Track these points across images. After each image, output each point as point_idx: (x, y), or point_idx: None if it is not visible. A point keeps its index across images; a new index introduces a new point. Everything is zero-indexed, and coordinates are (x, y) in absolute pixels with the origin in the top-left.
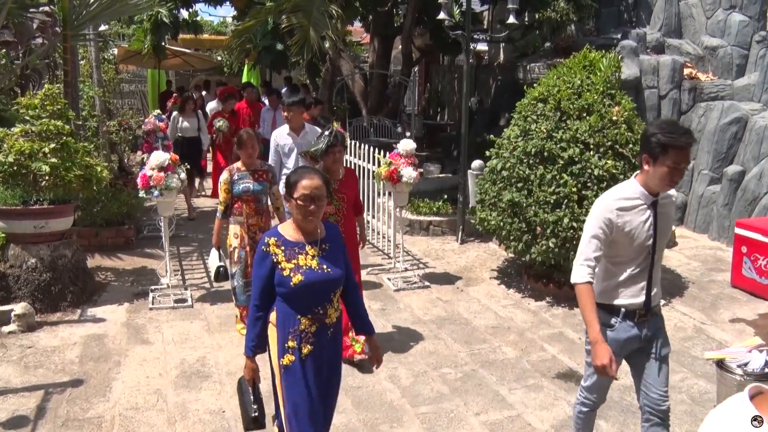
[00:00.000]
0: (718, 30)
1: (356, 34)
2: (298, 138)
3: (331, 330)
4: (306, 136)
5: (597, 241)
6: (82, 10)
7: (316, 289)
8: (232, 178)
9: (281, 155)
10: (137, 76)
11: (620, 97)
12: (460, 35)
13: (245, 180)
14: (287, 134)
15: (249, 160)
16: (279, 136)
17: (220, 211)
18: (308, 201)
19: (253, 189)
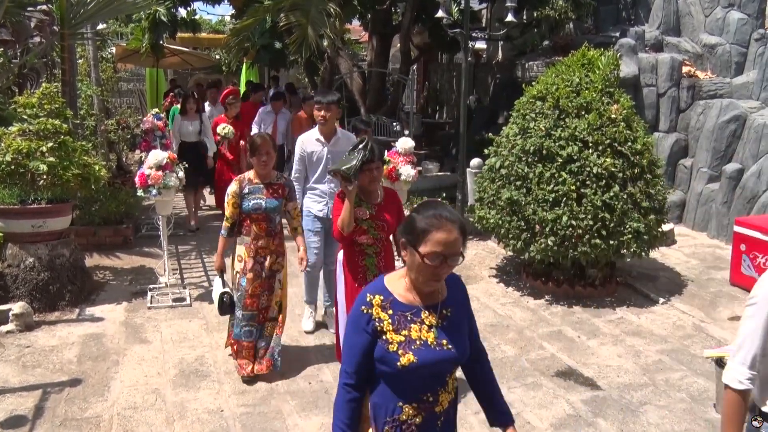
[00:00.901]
0: (717, 28)
1: (355, 32)
2: (328, 145)
3: (442, 420)
4: (338, 144)
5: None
6: (80, 9)
7: (430, 371)
8: (241, 191)
9: (306, 166)
10: (135, 75)
11: (619, 95)
12: (459, 33)
13: (257, 195)
14: (316, 140)
15: (264, 171)
16: (306, 142)
17: (225, 228)
18: (440, 260)
19: (266, 206)
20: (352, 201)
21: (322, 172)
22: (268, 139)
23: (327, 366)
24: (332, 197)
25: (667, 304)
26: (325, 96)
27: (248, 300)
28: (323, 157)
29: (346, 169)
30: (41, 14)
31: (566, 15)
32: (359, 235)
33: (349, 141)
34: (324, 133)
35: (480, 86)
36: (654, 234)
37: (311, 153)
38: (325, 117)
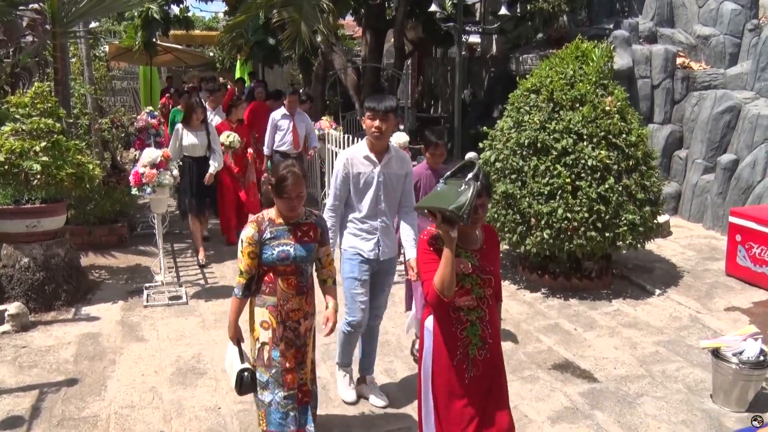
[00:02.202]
0: (711, 19)
1: (348, 27)
2: (379, 165)
3: None
4: (391, 164)
5: None
6: (72, 7)
7: None
8: (261, 236)
9: (353, 192)
10: (129, 73)
11: (613, 88)
12: (453, 27)
13: (283, 240)
14: (364, 158)
15: (292, 212)
16: (353, 161)
17: (239, 286)
18: None
19: (296, 255)
20: (453, 252)
21: (372, 201)
22: (299, 175)
23: (324, 362)
24: (385, 233)
25: (663, 295)
26: (381, 101)
27: (288, 376)
28: (373, 181)
29: (455, 208)
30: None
31: (560, 8)
32: (460, 296)
33: (402, 162)
34: (376, 150)
35: (474, 80)
36: (649, 226)
37: (358, 175)
38: (381, 129)
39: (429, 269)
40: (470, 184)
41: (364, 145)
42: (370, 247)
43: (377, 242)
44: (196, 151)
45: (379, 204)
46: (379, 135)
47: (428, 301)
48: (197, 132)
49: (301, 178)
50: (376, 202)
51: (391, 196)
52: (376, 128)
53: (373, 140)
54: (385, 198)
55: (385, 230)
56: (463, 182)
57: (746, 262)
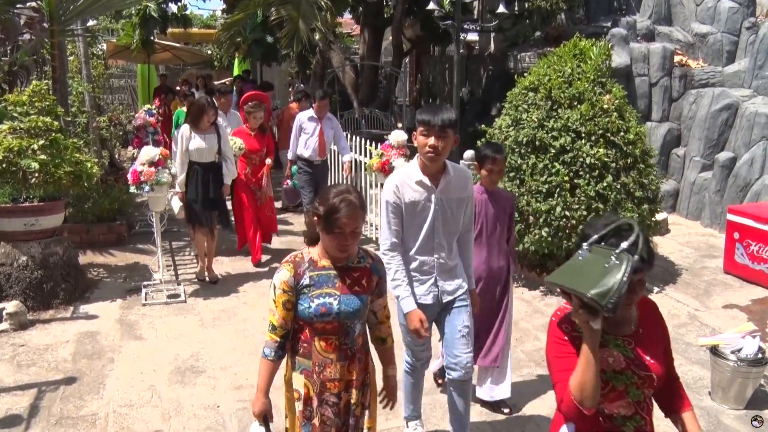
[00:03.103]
0: (708, 17)
1: (346, 25)
2: (436, 191)
3: None
4: (450, 188)
5: None
6: (69, 5)
7: None
8: (298, 282)
9: (409, 221)
10: (127, 71)
11: (611, 86)
12: (450, 25)
13: (326, 288)
14: (416, 183)
15: (342, 253)
16: (404, 187)
17: (270, 344)
18: None
19: (340, 310)
20: (596, 347)
21: (427, 234)
22: (357, 204)
23: None
24: (443, 271)
25: (661, 292)
26: (436, 113)
27: None
28: (429, 210)
29: (598, 295)
30: (31, 11)
31: (558, 6)
32: (609, 401)
33: (464, 182)
34: (431, 173)
35: (472, 78)
36: (648, 223)
37: (411, 205)
38: (437, 148)
39: (562, 367)
40: (624, 259)
41: (415, 166)
42: (425, 290)
43: (434, 283)
44: (203, 156)
45: (436, 237)
46: (434, 156)
47: (563, 412)
48: (206, 135)
49: (358, 209)
50: (431, 235)
51: (450, 227)
52: (430, 147)
53: (427, 161)
54: (443, 229)
55: (443, 268)
56: (613, 253)
57: (744, 259)
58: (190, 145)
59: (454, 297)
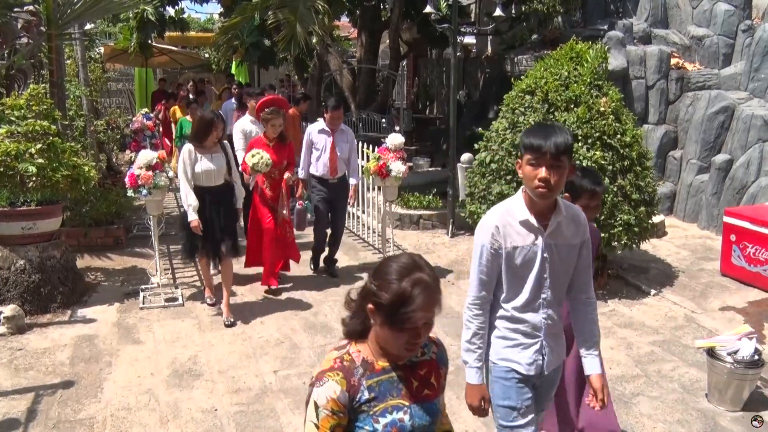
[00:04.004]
0: (704, 19)
1: (344, 28)
2: (545, 233)
3: None
4: (560, 230)
5: None
6: (67, 9)
7: None
8: (354, 398)
9: (504, 275)
10: (124, 75)
11: (607, 88)
12: (447, 28)
13: (392, 399)
14: (521, 224)
15: (410, 352)
16: (506, 229)
17: None
18: None
19: (415, 425)
20: None
21: (533, 288)
22: (433, 286)
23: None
24: (551, 333)
25: (658, 295)
26: (548, 136)
27: None
28: (536, 258)
29: None
30: (28, 15)
31: (554, 9)
32: None
33: (577, 224)
34: (539, 211)
35: (469, 81)
36: (644, 226)
37: (514, 251)
38: (550, 182)
39: None
40: None
41: (519, 202)
42: (529, 357)
43: (540, 349)
44: (212, 179)
45: (543, 291)
46: (546, 192)
47: None
48: (213, 155)
49: (436, 293)
50: (538, 289)
51: (559, 278)
52: (541, 181)
53: (537, 198)
54: (551, 281)
55: (552, 329)
56: None
57: (741, 261)
58: (195, 167)
59: (556, 367)
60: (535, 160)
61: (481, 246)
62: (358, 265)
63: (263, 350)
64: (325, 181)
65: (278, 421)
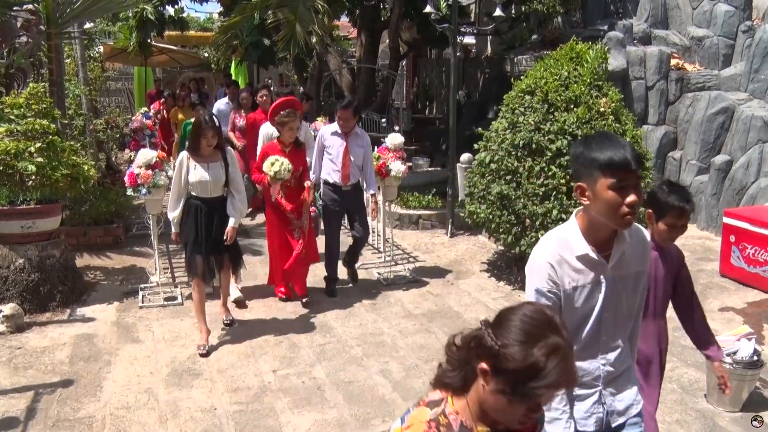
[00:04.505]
0: (704, 20)
1: (343, 28)
2: (608, 267)
3: None
4: (624, 261)
5: None
6: (67, 8)
7: None
8: None
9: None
10: (124, 74)
11: (607, 89)
12: (447, 28)
13: None
14: (580, 258)
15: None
16: (564, 266)
17: None
18: None
19: None
20: None
21: (591, 333)
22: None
23: (319, 363)
24: (612, 381)
25: None
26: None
27: None
28: (597, 298)
29: None
30: (27, 14)
31: (554, 9)
32: None
33: (643, 247)
34: (600, 241)
35: (469, 81)
36: (644, 226)
37: (573, 291)
38: (635, 206)
39: None
40: None
41: (574, 231)
42: (585, 411)
43: (598, 401)
44: (207, 190)
45: (603, 334)
46: (630, 219)
47: None
48: (209, 163)
49: (573, 361)
50: (597, 333)
51: (622, 317)
52: (631, 206)
53: (621, 226)
54: (613, 322)
55: (611, 376)
56: None
57: (740, 262)
58: (190, 176)
59: (626, 418)
60: (620, 182)
61: (536, 291)
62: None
63: (262, 349)
64: (338, 188)
65: (277, 420)
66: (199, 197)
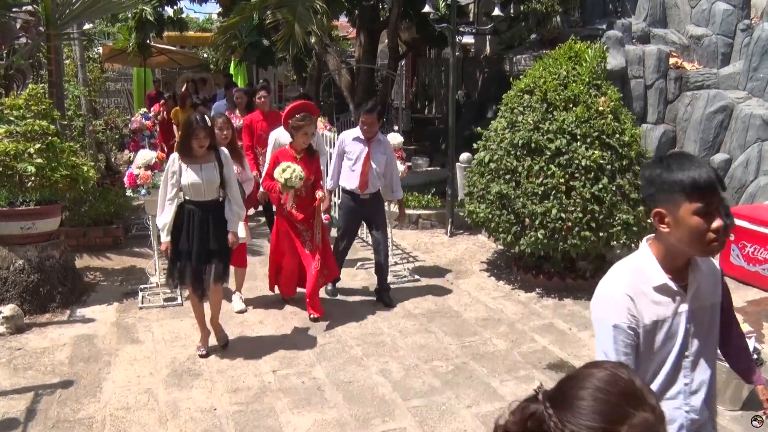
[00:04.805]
0: (703, 19)
1: (342, 28)
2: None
3: None
4: (701, 290)
5: None
6: (66, 9)
7: None
8: None
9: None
10: (123, 75)
11: (606, 88)
12: (446, 28)
13: None
14: (657, 290)
15: None
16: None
17: None
18: None
19: None
20: None
21: (671, 373)
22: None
23: (319, 363)
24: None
25: None
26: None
27: None
28: (678, 332)
29: None
30: (27, 15)
31: (553, 8)
32: None
33: (716, 275)
34: (677, 269)
35: (468, 80)
36: (643, 225)
37: (653, 326)
38: (720, 232)
39: None
40: None
41: (650, 260)
42: None
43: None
44: (201, 193)
45: (685, 374)
46: (716, 246)
47: None
48: (202, 164)
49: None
50: (676, 372)
51: (703, 353)
52: (714, 232)
53: (706, 254)
54: (694, 359)
55: (696, 425)
56: None
57: (740, 261)
58: (181, 179)
59: None
60: (706, 207)
61: (613, 327)
62: (356, 266)
63: (262, 349)
64: (356, 196)
65: (277, 420)
66: (192, 201)
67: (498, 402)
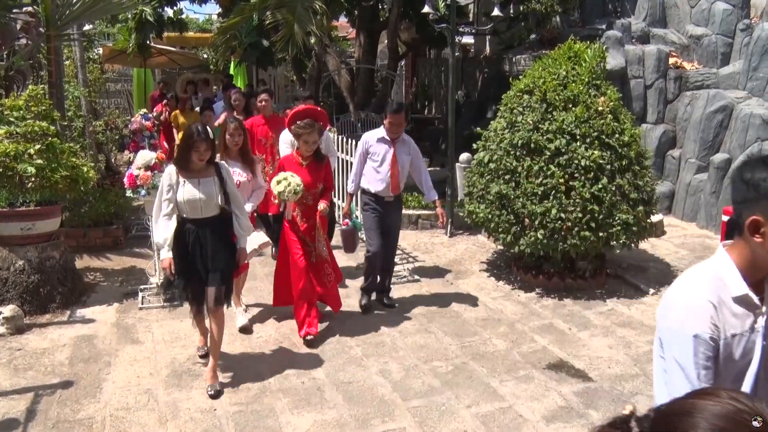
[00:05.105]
0: (703, 19)
1: (342, 29)
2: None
3: None
4: None
5: None
6: (65, 10)
7: None
8: None
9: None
10: (123, 76)
11: (606, 88)
12: (446, 28)
13: None
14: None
15: None
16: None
17: None
18: None
19: None
20: None
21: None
22: None
23: (319, 363)
24: None
25: (657, 294)
26: None
27: None
28: (754, 347)
29: None
30: (27, 16)
31: (552, 8)
32: None
33: None
34: (756, 280)
35: (468, 81)
36: (643, 225)
37: (732, 340)
38: None
39: None
40: None
41: (731, 269)
42: None
43: None
44: (198, 210)
45: (764, 395)
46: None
47: None
48: (200, 179)
49: None
50: (753, 388)
51: None
52: None
53: None
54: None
55: None
56: None
57: None
58: (178, 194)
59: None
60: None
61: (694, 338)
62: (356, 266)
63: (262, 350)
64: (381, 198)
65: (277, 420)
66: (189, 219)
67: (498, 402)
